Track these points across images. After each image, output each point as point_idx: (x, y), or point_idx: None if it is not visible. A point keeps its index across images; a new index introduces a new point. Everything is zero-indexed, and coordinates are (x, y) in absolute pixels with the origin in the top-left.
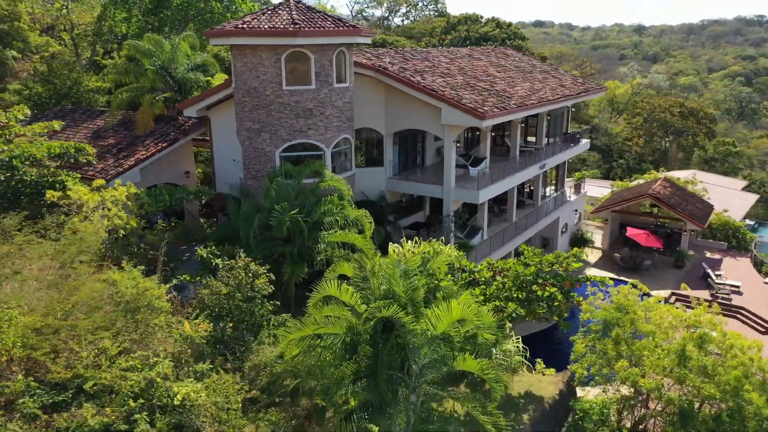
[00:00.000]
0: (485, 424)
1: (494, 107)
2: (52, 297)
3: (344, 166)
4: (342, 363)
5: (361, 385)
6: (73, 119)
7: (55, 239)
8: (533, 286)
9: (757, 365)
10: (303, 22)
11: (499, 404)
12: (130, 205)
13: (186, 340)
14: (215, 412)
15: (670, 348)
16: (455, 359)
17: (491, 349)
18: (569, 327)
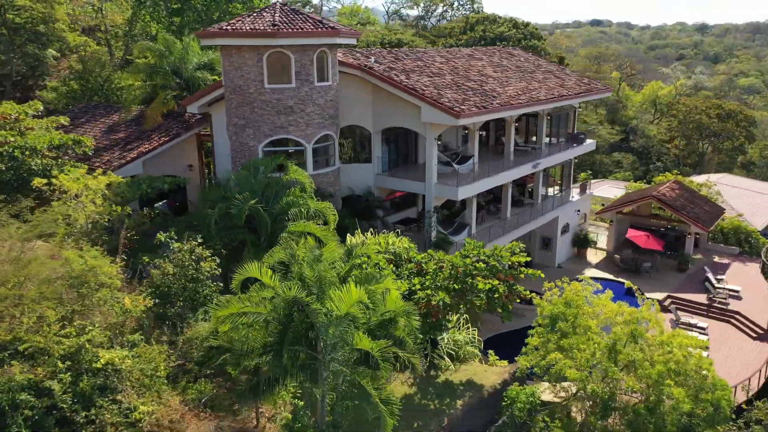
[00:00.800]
0: (374, 397)
1: (473, 106)
2: (8, 270)
3: (328, 162)
4: (260, 339)
5: (266, 358)
6: (93, 114)
7: (26, 221)
8: (468, 278)
9: (695, 364)
10: (283, 24)
11: (437, 389)
12: (107, 193)
13: (126, 313)
14: (139, 377)
15: (601, 342)
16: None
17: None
18: (510, 318)
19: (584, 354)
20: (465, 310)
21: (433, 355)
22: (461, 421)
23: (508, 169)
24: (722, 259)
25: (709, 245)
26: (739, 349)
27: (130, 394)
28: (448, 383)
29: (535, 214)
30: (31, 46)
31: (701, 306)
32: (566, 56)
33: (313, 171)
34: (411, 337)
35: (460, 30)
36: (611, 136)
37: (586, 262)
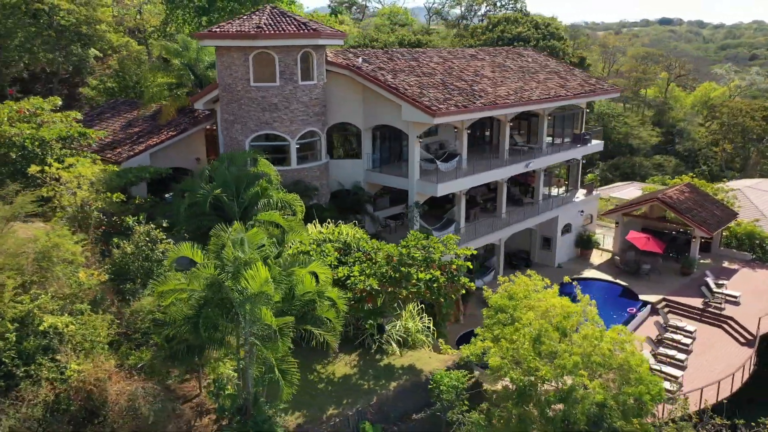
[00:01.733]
0: (275, 366)
1: (452, 105)
2: None
3: (314, 156)
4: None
5: (186, 329)
6: (119, 110)
7: (9, 203)
8: (403, 267)
9: (623, 358)
10: (267, 27)
11: (377, 372)
12: (94, 181)
13: (80, 286)
14: (80, 341)
15: (527, 332)
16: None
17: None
18: (450, 307)
19: (512, 344)
20: (406, 298)
21: (380, 339)
22: (392, 401)
23: (497, 167)
24: (732, 264)
25: (721, 250)
26: (725, 353)
27: (69, 355)
28: (390, 367)
29: (529, 213)
30: (75, 47)
31: (695, 310)
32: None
33: (297, 165)
34: (339, 319)
35: (482, 30)
36: (652, 138)
37: (587, 263)
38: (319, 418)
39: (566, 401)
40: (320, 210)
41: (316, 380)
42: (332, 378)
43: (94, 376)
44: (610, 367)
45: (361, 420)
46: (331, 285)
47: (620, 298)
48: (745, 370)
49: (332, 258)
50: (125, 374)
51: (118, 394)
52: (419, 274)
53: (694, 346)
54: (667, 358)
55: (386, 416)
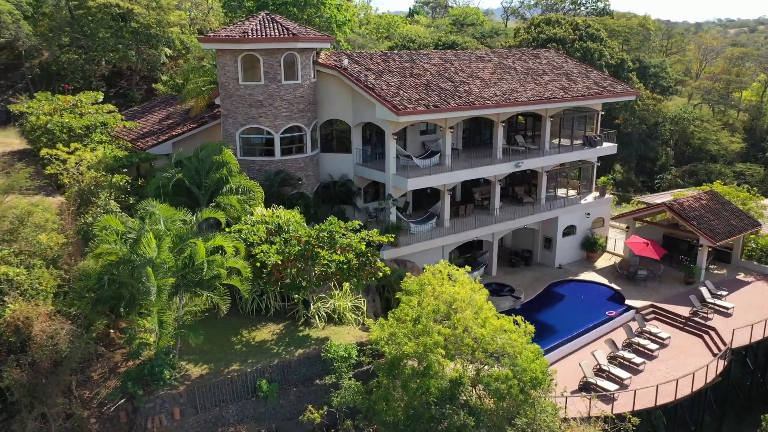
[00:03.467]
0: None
1: (421, 105)
2: None
3: (299, 149)
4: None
5: (98, 285)
6: (166, 105)
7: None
8: (309, 247)
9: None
10: (253, 32)
11: (292, 340)
12: (93, 163)
13: (40, 245)
14: (27, 288)
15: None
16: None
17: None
18: (360, 287)
19: (402, 325)
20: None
21: (307, 314)
22: (295, 366)
23: (480, 166)
24: (748, 276)
25: (741, 261)
26: (692, 362)
27: (16, 298)
28: (306, 337)
29: (521, 213)
30: (147, 47)
31: (680, 319)
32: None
33: (281, 157)
34: (246, 286)
35: (525, 30)
36: (732, 144)
37: (590, 266)
38: (221, 372)
39: (424, 376)
40: (305, 199)
41: (236, 342)
42: (251, 341)
43: (24, 314)
44: (484, 349)
45: (259, 378)
46: (244, 258)
47: (608, 301)
48: (696, 380)
49: (257, 237)
50: (63, 319)
51: (41, 330)
52: (335, 255)
53: (663, 352)
54: (624, 361)
55: (287, 378)
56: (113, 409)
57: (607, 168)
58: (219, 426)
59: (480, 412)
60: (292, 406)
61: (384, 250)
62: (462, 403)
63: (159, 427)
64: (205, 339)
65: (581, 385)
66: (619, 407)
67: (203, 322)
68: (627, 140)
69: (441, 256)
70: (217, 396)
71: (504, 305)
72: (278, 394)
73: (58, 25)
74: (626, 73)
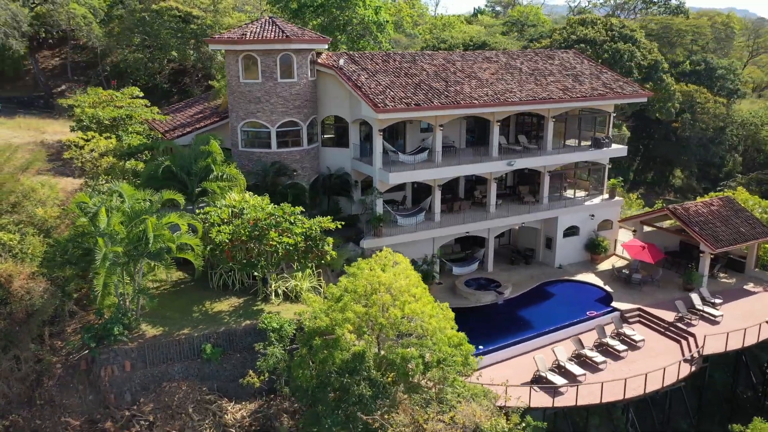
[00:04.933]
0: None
1: (402, 103)
2: None
3: (295, 143)
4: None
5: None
6: (203, 101)
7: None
8: (258, 229)
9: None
10: (251, 34)
11: (244, 313)
12: (105, 151)
13: (35, 217)
14: (17, 252)
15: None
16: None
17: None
18: (304, 269)
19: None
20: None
21: (266, 290)
22: (239, 334)
23: (467, 163)
24: (756, 287)
25: (755, 271)
26: (660, 364)
27: (6, 258)
28: (258, 311)
29: (515, 211)
30: (205, 47)
31: (663, 323)
32: None
33: (277, 149)
34: (198, 260)
35: (558, 31)
36: None
37: (592, 267)
38: (172, 334)
39: (332, 347)
40: (296, 189)
41: (195, 311)
42: (209, 311)
43: (8, 272)
44: (397, 329)
45: (205, 342)
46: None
47: (595, 302)
48: (649, 383)
49: (217, 218)
50: (43, 280)
51: (20, 287)
52: (284, 238)
53: (634, 354)
54: (586, 359)
55: (233, 345)
56: (77, 359)
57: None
58: (164, 381)
59: (379, 385)
60: (235, 369)
61: (366, 239)
62: (365, 376)
63: (111, 375)
64: (171, 306)
65: (533, 378)
66: (563, 401)
67: (176, 293)
68: (685, 144)
69: (432, 248)
70: (165, 354)
71: (486, 299)
72: (222, 358)
73: (127, 27)
74: (659, 74)
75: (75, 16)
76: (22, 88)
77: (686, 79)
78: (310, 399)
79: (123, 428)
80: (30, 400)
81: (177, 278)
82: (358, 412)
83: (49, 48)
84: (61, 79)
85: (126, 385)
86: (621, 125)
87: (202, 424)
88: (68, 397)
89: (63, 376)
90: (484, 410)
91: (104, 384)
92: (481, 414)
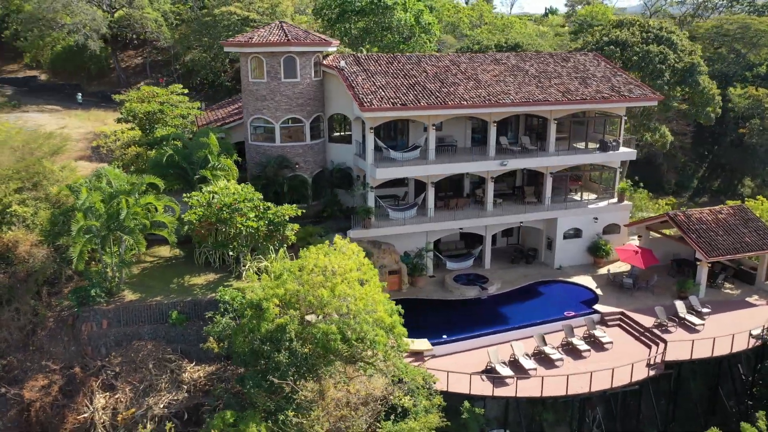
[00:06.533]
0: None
1: (387, 103)
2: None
3: (298, 138)
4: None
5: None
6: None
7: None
8: (223, 214)
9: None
10: (258, 37)
11: (216, 286)
12: (128, 141)
13: (49, 194)
14: (29, 222)
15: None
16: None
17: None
18: (263, 252)
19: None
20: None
21: (241, 269)
22: (203, 304)
23: (459, 162)
24: (760, 300)
25: (766, 284)
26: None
27: (19, 227)
28: (228, 286)
29: (510, 210)
30: None
31: (640, 328)
32: None
33: (280, 143)
34: (172, 237)
35: (594, 32)
36: None
37: (592, 270)
38: (145, 300)
39: (259, 319)
40: (294, 180)
41: (173, 283)
42: (185, 284)
43: (15, 239)
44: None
45: (172, 309)
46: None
47: (580, 304)
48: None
49: (196, 202)
50: (47, 247)
51: (24, 251)
52: (249, 222)
53: (599, 355)
54: (543, 355)
55: (197, 314)
56: (66, 315)
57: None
58: (134, 339)
59: (298, 354)
60: (198, 335)
61: (353, 229)
62: (286, 346)
63: (89, 331)
64: (156, 278)
65: (485, 369)
66: (504, 392)
67: (166, 267)
68: (753, 151)
69: (425, 241)
70: (138, 317)
71: (470, 294)
72: (186, 325)
73: (193, 30)
74: (694, 78)
75: (148, 20)
76: (107, 84)
77: (759, 83)
78: (243, 363)
79: (91, 375)
80: (25, 346)
81: (173, 255)
82: (270, 376)
83: (133, 48)
84: (141, 77)
85: (102, 340)
86: (657, 129)
87: (160, 379)
88: (55, 346)
89: (53, 328)
90: (387, 385)
91: (83, 338)
92: (379, 387)
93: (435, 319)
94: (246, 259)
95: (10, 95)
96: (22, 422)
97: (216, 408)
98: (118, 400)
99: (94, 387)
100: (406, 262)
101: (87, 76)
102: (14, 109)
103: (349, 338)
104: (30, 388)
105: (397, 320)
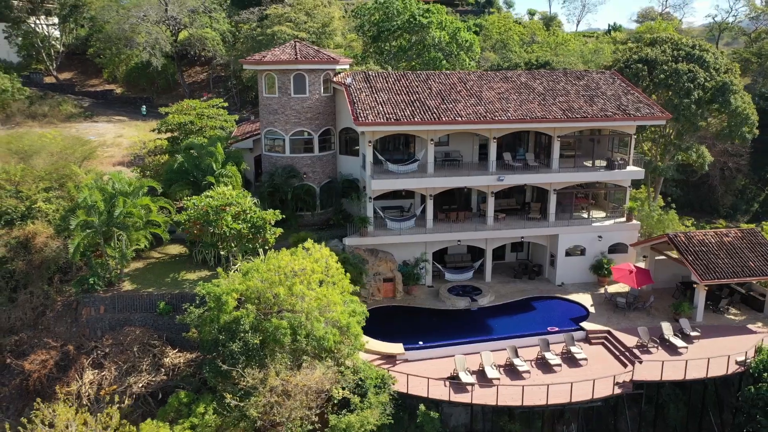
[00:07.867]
0: (78, 248)
1: (380, 118)
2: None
3: (307, 149)
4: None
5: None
6: None
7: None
8: (209, 216)
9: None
10: (271, 55)
11: (205, 281)
12: (149, 147)
13: (71, 193)
14: (50, 216)
15: (242, 269)
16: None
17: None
18: (246, 250)
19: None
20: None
21: (232, 266)
22: (188, 297)
23: (456, 176)
24: (763, 328)
25: None
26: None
27: (42, 221)
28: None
29: (513, 225)
30: None
31: (621, 346)
32: None
33: (290, 154)
34: (165, 234)
35: (620, 52)
36: None
37: (594, 289)
38: (138, 290)
39: (219, 311)
40: (305, 190)
41: (168, 278)
42: (178, 279)
43: (33, 231)
44: (279, 305)
45: (160, 300)
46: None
47: (569, 320)
48: (552, 396)
49: (191, 204)
50: (61, 240)
51: (39, 242)
52: (235, 224)
53: (571, 370)
54: (512, 366)
55: (182, 305)
56: (72, 300)
57: None
58: (126, 325)
59: (250, 344)
60: (182, 325)
61: (349, 237)
62: (240, 336)
63: (88, 315)
64: (156, 272)
65: (450, 375)
66: (461, 398)
67: (169, 264)
68: None
69: (423, 250)
70: (130, 305)
71: (460, 304)
72: (172, 314)
73: (247, 48)
74: (726, 97)
75: (207, 39)
76: (174, 97)
77: None
78: (207, 350)
79: (84, 354)
80: (35, 325)
81: (179, 253)
82: (221, 363)
83: (200, 65)
84: (205, 91)
85: (98, 324)
86: (694, 149)
87: (142, 361)
88: (60, 326)
89: (60, 311)
90: (326, 378)
91: (83, 320)
92: (314, 378)
93: (419, 326)
94: (237, 259)
95: (86, 106)
96: (22, 390)
97: (185, 390)
98: (103, 377)
99: (84, 364)
100: (403, 271)
101: (156, 90)
102: (86, 119)
103: (299, 333)
104: (31, 361)
105: (355, 321)
